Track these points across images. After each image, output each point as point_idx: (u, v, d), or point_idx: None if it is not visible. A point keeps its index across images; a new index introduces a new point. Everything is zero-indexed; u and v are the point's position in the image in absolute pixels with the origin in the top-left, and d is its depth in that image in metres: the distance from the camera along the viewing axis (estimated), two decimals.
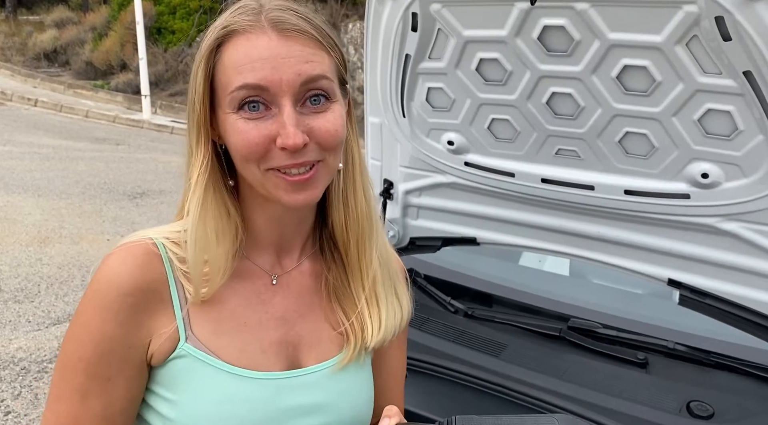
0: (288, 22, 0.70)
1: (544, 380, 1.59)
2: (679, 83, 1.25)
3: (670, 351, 1.67)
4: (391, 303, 0.84)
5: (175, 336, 0.71)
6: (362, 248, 0.81)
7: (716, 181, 1.36)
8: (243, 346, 0.74)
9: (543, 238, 1.79)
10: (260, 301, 0.78)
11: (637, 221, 1.57)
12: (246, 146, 0.69)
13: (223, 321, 0.74)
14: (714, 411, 1.46)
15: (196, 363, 0.71)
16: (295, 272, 0.82)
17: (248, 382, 0.73)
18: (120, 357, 0.70)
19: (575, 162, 1.56)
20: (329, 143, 0.71)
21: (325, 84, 0.71)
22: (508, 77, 1.45)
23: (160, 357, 0.71)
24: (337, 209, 0.81)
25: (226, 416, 0.71)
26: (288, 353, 0.77)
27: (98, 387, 0.69)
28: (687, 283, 1.57)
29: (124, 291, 0.69)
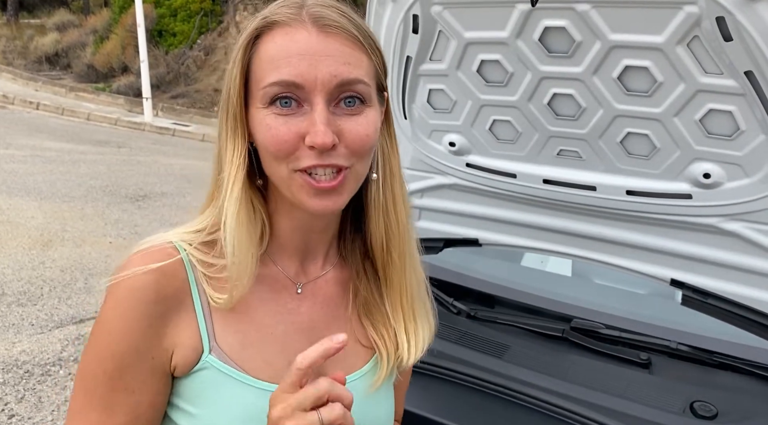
0: (329, 17, 0.67)
1: (547, 381, 1.59)
2: (681, 84, 1.25)
3: (673, 351, 1.66)
4: (426, 320, 0.82)
5: (199, 346, 0.69)
6: (403, 263, 0.78)
7: (718, 181, 1.36)
8: (269, 358, 0.72)
9: (545, 239, 1.79)
10: (287, 311, 0.76)
11: (639, 221, 1.57)
12: (275, 143, 0.66)
13: (249, 332, 0.72)
14: (717, 412, 1.46)
15: (219, 375, 0.69)
16: (321, 280, 0.79)
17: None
18: (144, 369, 0.67)
19: (577, 163, 1.56)
20: (358, 147, 0.68)
21: (361, 88, 0.68)
22: (510, 79, 1.45)
23: (184, 369, 0.69)
24: (376, 222, 0.77)
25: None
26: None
27: (123, 399, 0.67)
28: (689, 283, 1.57)
29: (147, 300, 0.66)
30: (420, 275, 0.83)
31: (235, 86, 0.68)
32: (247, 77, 0.69)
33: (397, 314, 0.79)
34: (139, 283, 0.66)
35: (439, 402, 1.56)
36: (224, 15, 15.65)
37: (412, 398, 1.61)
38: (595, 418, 1.46)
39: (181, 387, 0.70)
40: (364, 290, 0.80)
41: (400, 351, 0.79)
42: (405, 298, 0.79)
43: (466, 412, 1.55)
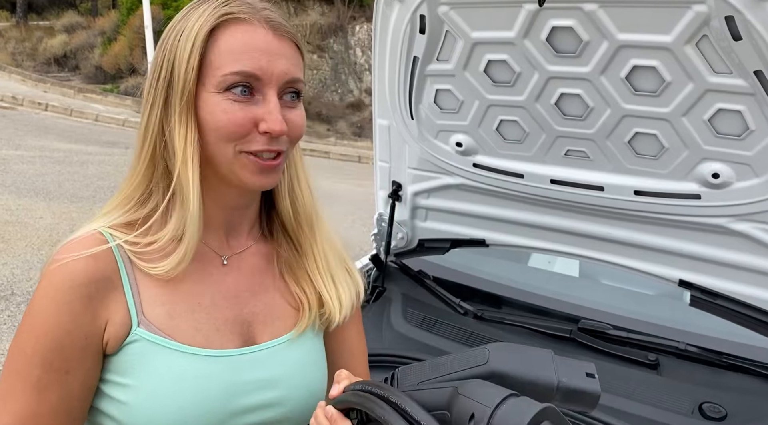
0: (281, 24, 0.77)
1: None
2: (689, 83, 1.24)
3: (682, 352, 1.66)
4: (345, 280, 0.90)
5: (128, 321, 0.73)
6: (312, 232, 0.88)
7: (727, 181, 1.35)
8: (197, 325, 0.76)
9: (552, 239, 1.79)
10: (213, 281, 0.81)
11: (647, 221, 1.56)
12: (231, 125, 0.73)
13: (176, 303, 0.76)
14: (726, 413, 1.45)
15: (150, 345, 0.73)
16: (246, 253, 0.86)
17: (204, 360, 0.75)
18: (78, 349, 0.70)
19: (584, 163, 1.56)
20: (297, 135, 0.79)
21: (300, 86, 0.79)
22: (517, 79, 1.45)
23: (116, 344, 0.72)
24: (283, 198, 0.87)
25: (183, 394, 0.72)
26: (242, 330, 0.80)
27: (56, 381, 0.70)
28: (698, 284, 1.56)
29: (77, 282, 0.70)
30: (333, 242, 0.91)
31: (191, 71, 0.73)
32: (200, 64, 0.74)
33: (315, 278, 0.87)
34: (70, 268, 0.70)
35: None
36: None
37: None
38: (603, 419, 1.45)
39: (113, 362, 0.73)
40: (285, 253, 0.88)
41: (325, 307, 0.86)
42: (321, 264, 0.88)
43: None
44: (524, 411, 0.56)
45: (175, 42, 0.75)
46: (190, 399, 0.72)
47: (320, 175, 0.91)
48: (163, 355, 0.73)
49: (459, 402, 0.61)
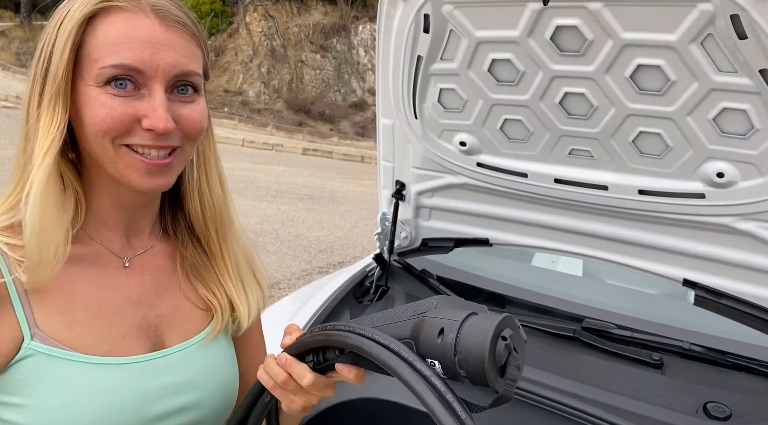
0: (170, 11, 0.71)
1: (558, 381, 1.59)
2: (694, 82, 1.24)
3: (686, 351, 1.65)
4: (254, 285, 0.87)
5: (18, 335, 0.66)
6: (222, 235, 0.84)
7: (732, 180, 1.35)
8: (101, 333, 0.71)
9: (556, 238, 1.79)
10: (114, 285, 0.76)
11: (652, 221, 1.56)
12: (108, 120, 0.68)
13: (74, 312, 0.70)
14: (731, 413, 1.45)
15: (46, 359, 0.66)
16: (148, 254, 0.81)
17: (111, 369, 0.70)
18: None
19: (588, 162, 1.56)
20: (193, 131, 0.74)
21: (196, 79, 0.74)
22: (521, 78, 1.45)
23: (4, 361, 0.66)
24: (192, 198, 0.83)
25: (89, 407, 0.67)
26: (150, 334, 0.76)
27: None
28: (702, 283, 1.56)
29: None
30: (243, 246, 0.88)
31: (64, 61, 0.68)
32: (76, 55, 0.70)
33: (225, 280, 0.84)
34: None
35: None
36: (234, 16, 15.70)
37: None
38: (607, 419, 1.45)
39: (1, 382, 0.66)
40: (191, 257, 0.83)
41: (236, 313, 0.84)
42: (231, 267, 0.84)
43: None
44: (490, 319, 0.62)
45: (54, 29, 0.70)
46: (99, 412, 0.67)
47: (323, 175, 0.89)
48: (62, 368, 0.67)
49: (426, 323, 0.65)
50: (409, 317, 0.68)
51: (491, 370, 0.61)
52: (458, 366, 0.62)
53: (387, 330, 0.68)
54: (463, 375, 0.62)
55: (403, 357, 0.63)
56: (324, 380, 0.72)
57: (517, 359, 0.63)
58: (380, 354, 0.65)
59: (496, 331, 0.61)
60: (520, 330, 0.65)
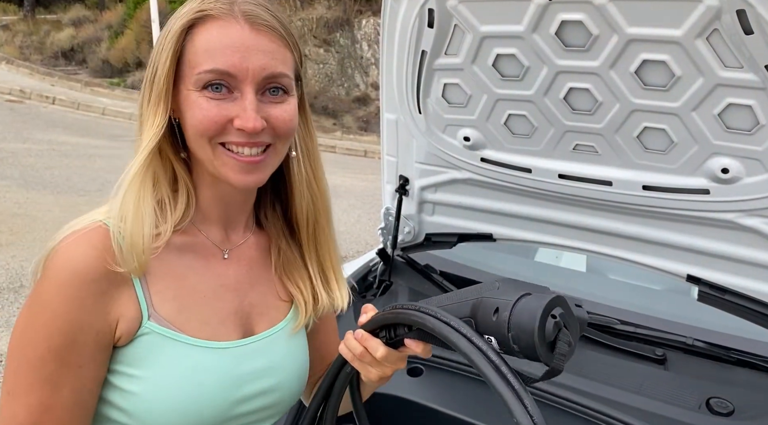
0: (260, 16, 0.76)
1: (561, 376, 1.59)
2: (699, 78, 1.23)
3: (689, 347, 1.65)
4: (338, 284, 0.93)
5: (139, 315, 0.74)
6: (322, 228, 0.90)
7: (736, 176, 1.34)
8: (204, 319, 0.79)
9: (560, 234, 1.79)
10: (215, 275, 0.83)
11: (656, 216, 1.56)
12: (205, 122, 0.74)
13: (183, 297, 0.78)
14: (734, 408, 1.45)
15: (160, 339, 0.74)
16: (244, 246, 0.88)
17: (211, 352, 0.77)
18: (91, 343, 0.71)
19: (593, 158, 1.55)
20: (283, 130, 0.78)
21: (285, 81, 0.78)
22: (525, 73, 1.44)
23: (128, 338, 0.73)
24: (301, 194, 0.88)
25: (191, 385, 0.75)
26: (243, 321, 0.83)
27: (70, 375, 0.70)
28: (706, 279, 1.56)
29: (89, 278, 0.70)
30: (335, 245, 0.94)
31: (165, 68, 0.75)
32: (178, 62, 0.76)
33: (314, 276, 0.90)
34: (81, 263, 0.70)
35: (453, 396, 1.57)
36: None
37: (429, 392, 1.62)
38: (610, 414, 1.45)
39: (122, 354, 0.74)
40: (286, 252, 0.90)
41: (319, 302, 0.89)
42: (331, 255, 0.91)
43: (479, 407, 1.55)
44: (540, 299, 0.69)
45: (163, 37, 0.77)
46: (197, 390, 0.75)
47: (326, 169, 0.94)
48: (173, 348, 0.75)
49: (483, 303, 0.73)
50: (470, 298, 0.76)
51: (541, 345, 0.67)
52: (512, 342, 0.68)
53: (450, 309, 0.76)
54: (516, 350, 0.69)
55: (463, 333, 0.71)
56: (396, 354, 0.82)
57: (567, 335, 0.69)
58: (442, 330, 0.72)
59: (545, 310, 0.67)
60: (571, 309, 0.71)
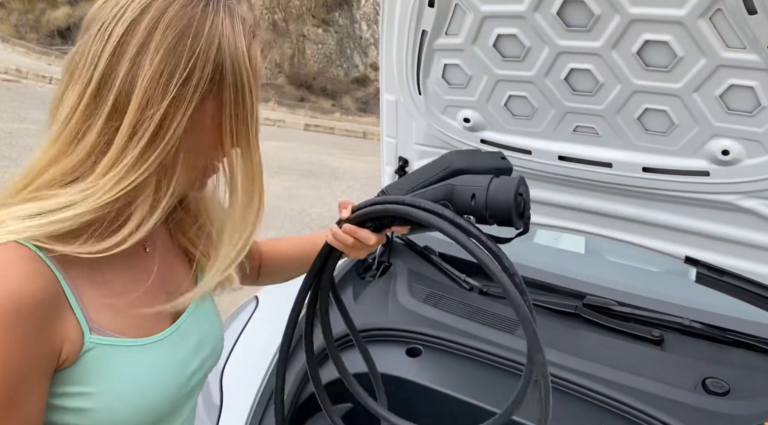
0: None
1: (559, 356, 1.61)
2: (702, 58, 1.22)
3: (686, 328, 1.67)
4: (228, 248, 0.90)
5: (80, 332, 0.69)
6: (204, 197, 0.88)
7: (737, 158, 1.34)
8: (139, 318, 0.77)
9: (559, 216, 1.79)
10: (140, 272, 0.80)
11: (655, 198, 1.56)
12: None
13: (115, 302, 0.74)
14: (730, 388, 1.47)
15: (104, 349, 0.71)
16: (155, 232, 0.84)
17: (154, 347, 0.77)
18: (35, 374, 0.65)
19: (593, 139, 1.55)
20: None
21: None
22: (526, 53, 1.43)
23: (72, 358, 0.69)
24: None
25: (145, 384, 0.74)
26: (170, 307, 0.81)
27: (19, 413, 0.64)
28: (704, 261, 1.57)
29: (25, 309, 0.63)
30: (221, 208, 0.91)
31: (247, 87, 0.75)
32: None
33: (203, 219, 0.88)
34: (12, 293, 0.62)
35: (452, 376, 1.58)
36: None
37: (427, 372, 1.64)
38: (606, 394, 1.47)
39: (68, 375, 0.69)
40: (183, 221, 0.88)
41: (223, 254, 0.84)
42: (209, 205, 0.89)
43: (477, 386, 1.56)
44: (510, 181, 0.89)
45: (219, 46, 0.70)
46: (152, 386, 0.75)
47: (325, 151, 0.94)
48: (119, 354, 0.72)
49: (458, 191, 0.90)
50: (439, 185, 0.93)
51: (515, 215, 0.87)
52: (489, 218, 0.88)
53: (426, 196, 0.91)
54: (492, 222, 0.88)
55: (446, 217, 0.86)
56: (381, 236, 0.94)
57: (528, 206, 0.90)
58: (428, 218, 0.86)
59: (516, 191, 0.87)
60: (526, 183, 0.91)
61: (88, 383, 0.70)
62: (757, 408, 1.39)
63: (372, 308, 1.93)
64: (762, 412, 1.38)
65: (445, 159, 0.97)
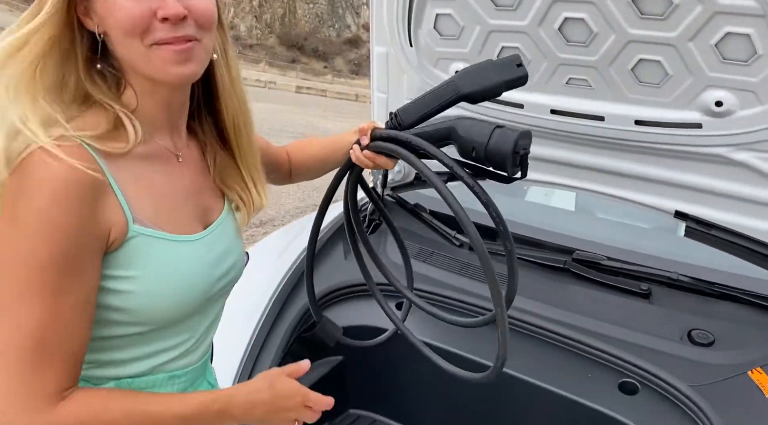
0: None
1: (548, 310, 1.62)
2: (698, 5, 1.20)
3: (674, 281, 1.68)
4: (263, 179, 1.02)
5: (125, 220, 0.78)
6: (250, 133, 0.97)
7: (730, 109, 1.33)
8: (176, 217, 0.85)
9: (550, 171, 1.78)
10: (176, 177, 0.89)
11: (647, 152, 1.55)
12: (129, 20, 0.75)
13: (156, 200, 0.83)
14: (714, 339, 1.49)
15: (146, 239, 0.79)
16: (188, 149, 0.94)
17: (190, 245, 0.85)
18: (89, 251, 0.74)
19: (586, 92, 1.53)
20: (205, 19, 0.81)
21: None
22: (520, 1, 1.40)
23: (118, 243, 0.78)
24: (231, 97, 0.93)
25: (180, 276, 0.83)
26: (201, 216, 0.91)
27: (74, 283, 0.73)
28: (693, 215, 1.57)
29: (82, 189, 0.72)
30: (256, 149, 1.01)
31: None
32: None
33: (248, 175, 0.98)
34: (71, 175, 0.71)
35: (440, 329, 1.60)
36: None
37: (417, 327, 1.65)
38: (594, 345, 1.49)
39: (114, 258, 0.78)
40: (220, 158, 0.96)
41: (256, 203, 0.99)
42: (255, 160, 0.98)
43: (468, 340, 1.58)
44: (509, 136, 0.92)
45: None
46: (186, 279, 0.83)
47: (316, 113, 0.99)
48: (159, 245, 0.81)
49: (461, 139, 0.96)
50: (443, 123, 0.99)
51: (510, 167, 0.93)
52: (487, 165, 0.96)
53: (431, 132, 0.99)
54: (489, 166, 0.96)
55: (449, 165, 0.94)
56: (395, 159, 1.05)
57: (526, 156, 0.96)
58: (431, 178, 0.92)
59: (513, 150, 0.91)
60: (528, 138, 0.95)
61: (131, 267, 0.78)
62: (740, 358, 1.42)
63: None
64: (745, 362, 1.41)
65: (452, 85, 0.98)
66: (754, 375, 1.36)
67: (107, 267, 0.78)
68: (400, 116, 1.03)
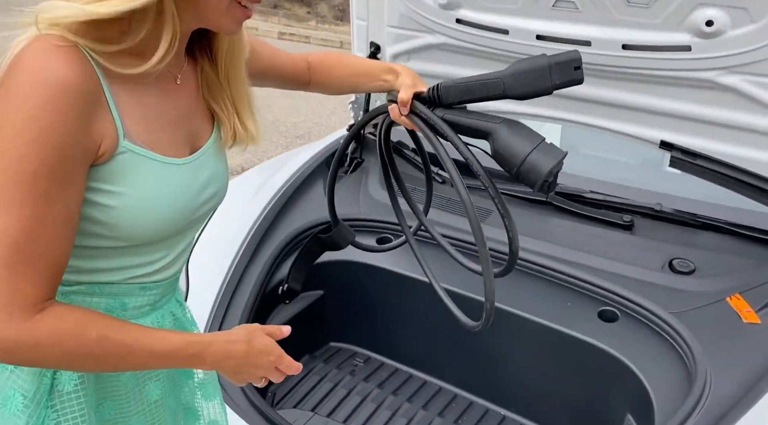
0: None
1: (531, 242, 1.61)
2: None
3: (656, 213, 1.67)
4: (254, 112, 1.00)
5: (115, 134, 0.77)
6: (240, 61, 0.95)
7: (721, 29, 1.28)
8: (166, 139, 0.85)
9: (535, 103, 1.73)
10: (172, 99, 0.88)
11: (633, 79, 1.51)
12: None
13: (148, 120, 0.82)
14: (695, 268, 1.49)
15: (135, 157, 0.79)
16: (185, 71, 0.92)
17: (176, 168, 0.85)
18: (79, 160, 0.73)
19: (573, 15, 1.47)
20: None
21: None
22: None
23: (106, 156, 0.77)
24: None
25: (165, 197, 0.83)
26: (190, 140, 0.90)
27: (62, 190, 0.72)
28: (679, 144, 1.54)
29: (75, 94, 0.71)
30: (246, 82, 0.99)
31: None
32: None
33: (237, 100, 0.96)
34: (63, 78, 0.70)
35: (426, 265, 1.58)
36: None
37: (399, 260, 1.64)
38: (575, 275, 1.49)
39: (101, 171, 0.77)
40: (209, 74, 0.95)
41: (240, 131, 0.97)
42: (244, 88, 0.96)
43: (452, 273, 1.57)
44: (543, 165, 0.89)
45: None
46: (172, 201, 0.84)
47: None
48: (147, 164, 0.80)
49: (495, 146, 0.93)
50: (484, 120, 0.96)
51: (537, 188, 0.91)
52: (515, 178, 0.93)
53: (471, 122, 0.97)
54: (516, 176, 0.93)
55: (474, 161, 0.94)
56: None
57: (555, 182, 0.92)
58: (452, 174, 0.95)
59: (549, 173, 0.88)
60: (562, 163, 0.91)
61: (116, 183, 0.78)
62: (719, 285, 1.43)
63: (344, 201, 1.91)
64: (724, 288, 1.41)
65: (499, 82, 0.95)
66: (732, 301, 1.36)
67: (94, 179, 0.77)
68: (443, 93, 1.00)
